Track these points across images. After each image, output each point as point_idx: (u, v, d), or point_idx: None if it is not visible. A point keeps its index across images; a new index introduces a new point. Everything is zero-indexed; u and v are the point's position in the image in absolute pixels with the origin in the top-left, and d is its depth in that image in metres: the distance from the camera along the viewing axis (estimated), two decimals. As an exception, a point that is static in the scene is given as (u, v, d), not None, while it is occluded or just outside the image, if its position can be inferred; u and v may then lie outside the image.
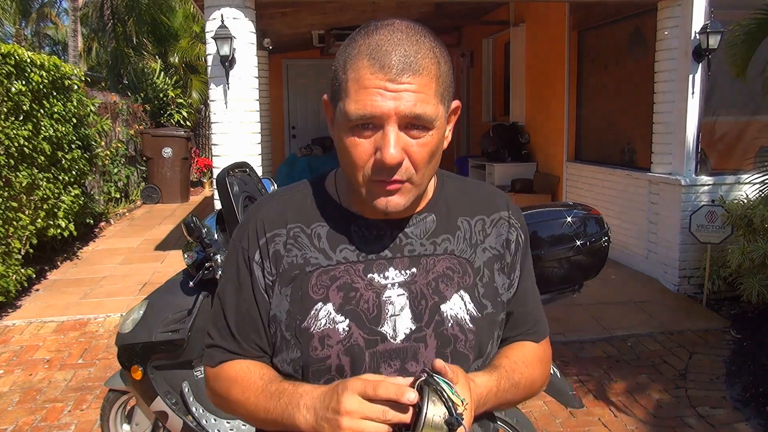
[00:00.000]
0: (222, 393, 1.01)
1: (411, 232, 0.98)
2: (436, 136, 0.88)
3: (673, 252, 5.04)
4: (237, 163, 2.58)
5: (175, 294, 2.31)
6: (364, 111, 0.84)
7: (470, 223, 1.02)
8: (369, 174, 0.88)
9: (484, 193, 1.07)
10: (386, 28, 0.87)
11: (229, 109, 4.84)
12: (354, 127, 0.87)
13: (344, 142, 0.89)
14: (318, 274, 0.96)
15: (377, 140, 0.86)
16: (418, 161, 0.88)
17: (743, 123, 5.18)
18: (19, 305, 4.91)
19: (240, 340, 1.00)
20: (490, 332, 1.00)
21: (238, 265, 1.00)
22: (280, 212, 1.01)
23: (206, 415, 2.30)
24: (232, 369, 0.99)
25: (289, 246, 0.98)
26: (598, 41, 6.45)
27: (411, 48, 0.85)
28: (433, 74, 0.86)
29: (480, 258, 1.00)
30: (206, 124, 12.37)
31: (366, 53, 0.85)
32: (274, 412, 0.90)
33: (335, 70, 0.90)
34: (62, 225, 5.77)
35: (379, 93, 0.83)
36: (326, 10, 6.89)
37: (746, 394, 3.37)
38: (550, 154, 7.38)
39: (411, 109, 0.83)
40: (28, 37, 20.51)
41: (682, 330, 4.25)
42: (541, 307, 1.11)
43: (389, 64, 0.83)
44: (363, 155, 0.87)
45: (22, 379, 3.67)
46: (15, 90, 4.98)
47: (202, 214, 8.27)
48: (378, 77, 0.83)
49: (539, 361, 1.07)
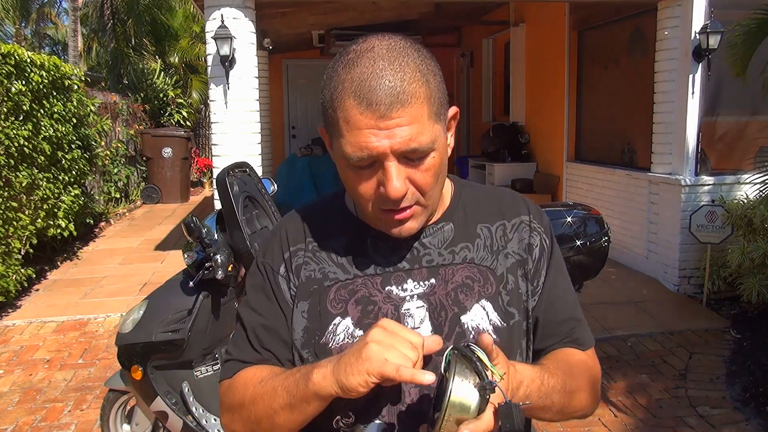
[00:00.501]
0: (236, 402, 0.95)
1: (429, 242, 0.97)
2: (438, 156, 0.87)
3: (673, 252, 5.04)
4: (237, 163, 2.58)
5: (175, 294, 2.31)
6: (361, 153, 0.83)
7: (490, 229, 0.99)
8: (376, 205, 0.88)
9: (504, 197, 1.04)
10: (366, 57, 0.83)
11: (229, 109, 4.84)
12: (353, 165, 0.86)
13: (347, 177, 0.89)
14: (336, 288, 0.95)
15: (379, 175, 0.85)
16: (424, 186, 0.87)
17: (743, 123, 5.18)
18: (19, 305, 4.91)
19: (260, 351, 0.97)
20: (518, 342, 0.96)
21: (263, 280, 0.99)
22: (301, 226, 1.01)
23: (206, 415, 2.30)
24: (248, 372, 0.96)
25: (308, 260, 0.97)
26: (598, 41, 6.45)
27: (396, 76, 0.81)
28: (423, 98, 0.83)
29: (502, 265, 0.97)
30: (206, 124, 12.37)
31: (351, 91, 0.82)
32: (289, 389, 0.86)
33: (323, 103, 0.87)
34: (62, 225, 5.76)
35: (372, 134, 0.81)
36: (326, 10, 6.89)
37: (746, 394, 3.37)
38: (550, 154, 7.38)
39: (407, 145, 0.82)
40: (28, 37, 20.51)
41: (682, 330, 4.25)
42: (579, 315, 1.03)
43: (376, 100, 0.80)
44: (367, 190, 0.87)
45: (22, 379, 3.67)
46: (15, 90, 4.98)
47: (202, 214, 8.27)
48: (367, 117, 0.81)
49: (585, 370, 0.98)
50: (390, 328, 0.80)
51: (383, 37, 0.86)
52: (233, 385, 0.97)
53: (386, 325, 0.81)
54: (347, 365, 0.79)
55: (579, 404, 0.96)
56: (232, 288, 2.36)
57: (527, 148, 7.87)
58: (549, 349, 0.99)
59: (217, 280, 2.15)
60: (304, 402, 0.85)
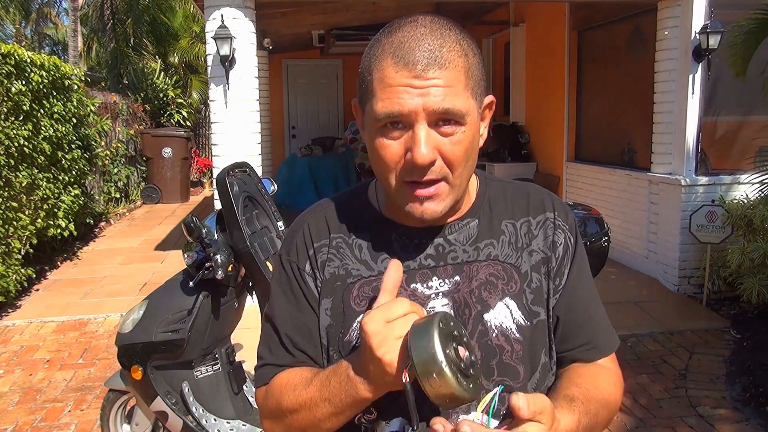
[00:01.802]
0: (275, 409, 0.93)
1: (454, 239, 0.94)
2: (470, 132, 0.84)
3: (673, 252, 5.04)
4: (237, 163, 2.58)
5: (175, 294, 2.31)
6: (391, 109, 0.81)
7: (515, 226, 0.97)
8: (401, 176, 0.85)
9: (529, 193, 1.01)
10: (409, 25, 0.84)
11: (229, 109, 4.84)
12: (383, 128, 0.84)
13: (374, 144, 0.86)
14: (360, 285, 0.93)
15: (407, 141, 0.83)
16: (453, 160, 0.84)
17: (743, 123, 5.18)
18: (19, 305, 4.91)
19: (294, 354, 0.95)
20: (543, 341, 0.93)
21: (289, 278, 0.97)
22: (324, 222, 0.99)
23: (206, 415, 2.30)
24: (282, 377, 0.94)
25: (331, 256, 0.96)
26: (598, 41, 6.45)
27: (435, 42, 0.81)
28: (460, 67, 0.82)
29: (527, 262, 0.94)
30: (206, 124, 12.37)
31: (390, 51, 0.82)
32: (332, 400, 0.85)
33: (361, 72, 0.87)
34: (62, 225, 5.77)
35: (405, 90, 0.80)
36: (326, 10, 6.89)
37: (746, 394, 3.37)
38: (550, 154, 7.38)
39: (439, 104, 0.80)
40: (28, 37, 20.51)
41: (682, 330, 4.25)
42: (602, 317, 1.00)
43: (414, 60, 0.80)
44: (393, 156, 0.84)
45: (22, 379, 3.67)
46: (15, 90, 4.98)
47: (202, 214, 8.27)
48: (403, 74, 0.80)
49: (614, 385, 0.95)
50: (375, 329, 0.78)
51: (427, 14, 0.86)
52: (270, 392, 0.95)
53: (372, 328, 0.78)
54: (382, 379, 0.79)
55: (608, 423, 0.95)
56: (232, 288, 2.36)
57: (527, 148, 7.88)
58: (569, 356, 0.96)
59: (217, 280, 2.15)
60: (351, 409, 0.85)
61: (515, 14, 8.10)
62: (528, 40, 7.80)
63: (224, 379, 2.37)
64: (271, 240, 2.51)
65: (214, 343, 2.34)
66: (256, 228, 2.48)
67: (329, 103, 11.35)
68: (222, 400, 2.35)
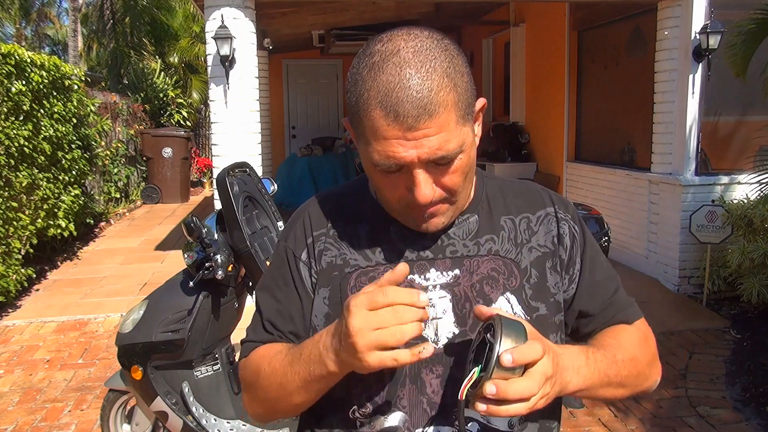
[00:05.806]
0: (250, 379, 0.97)
1: (453, 233, 0.95)
2: (466, 157, 0.86)
3: (673, 252, 5.04)
4: (237, 163, 2.58)
5: (175, 294, 2.31)
6: (387, 162, 0.83)
7: (514, 221, 0.98)
8: (403, 204, 0.88)
9: (527, 190, 1.04)
10: (392, 63, 0.80)
11: (229, 109, 4.84)
12: (381, 171, 0.86)
13: (373, 175, 0.89)
14: (357, 275, 0.94)
15: (407, 180, 0.85)
16: (452, 187, 0.87)
17: (743, 123, 5.18)
18: (19, 305, 4.91)
19: (272, 333, 0.98)
20: (545, 336, 0.94)
21: (282, 264, 0.99)
22: (324, 212, 1.00)
23: (206, 415, 2.30)
24: (262, 349, 0.97)
25: (329, 245, 0.97)
26: (598, 41, 6.45)
27: (423, 86, 0.79)
28: (450, 105, 0.81)
29: (526, 258, 0.96)
30: (206, 124, 12.37)
31: (377, 100, 0.80)
32: (301, 374, 0.87)
33: (349, 103, 0.86)
34: (62, 225, 5.76)
35: (399, 144, 0.81)
36: (326, 10, 6.89)
37: (746, 394, 3.38)
38: (550, 154, 7.38)
39: (434, 153, 0.81)
40: (28, 37, 20.52)
41: (682, 330, 4.25)
42: (620, 297, 1.04)
43: (404, 113, 0.79)
44: (394, 191, 0.87)
45: (22, 379, 3.67)
46: (15, 90, 4.98)
47: (202, 214, 8.27)
48: (394, 128, 0.80)
49: (638, 340, 0.99)
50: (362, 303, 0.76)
51: (409, 37, 0.83)
52: (248, 363, 0.99)
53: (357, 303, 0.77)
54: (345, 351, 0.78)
55: (640, 375, 0.96)
56: (232, 288, 2.36)
57: (527, 148, 7.88)
58: (593, 333, 1.00)
59: (217, 280, 2.15)
60: (319, 383, 0.86)
61: (515, 14, 8.10)
62: (528, 40, 7.80)
63: (224, 379, 2.37)
64: (271, 240, 2.51)
65: (214, 343, 2.34)
66: (256, 228, 2.48)
67: (329, 103, 11.35)
68: (222, 400, 2.35)
